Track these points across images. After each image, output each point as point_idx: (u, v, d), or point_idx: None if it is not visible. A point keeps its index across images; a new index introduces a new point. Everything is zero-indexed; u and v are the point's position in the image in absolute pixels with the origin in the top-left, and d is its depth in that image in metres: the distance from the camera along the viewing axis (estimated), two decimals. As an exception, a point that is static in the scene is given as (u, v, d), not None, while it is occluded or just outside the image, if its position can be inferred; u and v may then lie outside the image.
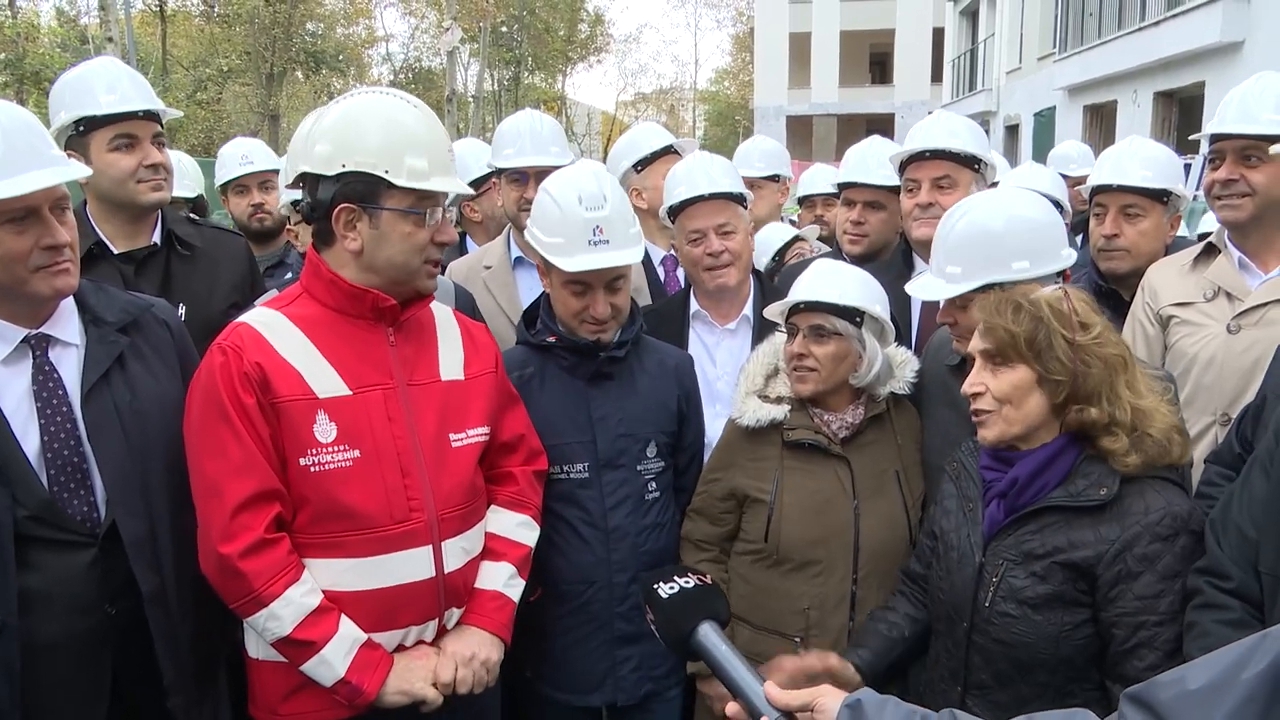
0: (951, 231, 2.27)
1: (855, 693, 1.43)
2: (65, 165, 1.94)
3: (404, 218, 2.02)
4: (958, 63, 31.06)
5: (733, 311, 3.01)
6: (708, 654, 1.67)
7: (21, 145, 1.85)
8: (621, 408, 2.51)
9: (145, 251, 2.80)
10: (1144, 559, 1.83)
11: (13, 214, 1.84)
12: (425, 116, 2.09)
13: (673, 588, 1.77)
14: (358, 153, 1.98)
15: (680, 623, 1.73)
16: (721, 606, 1.79)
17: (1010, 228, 2.23)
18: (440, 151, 2.06)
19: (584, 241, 2.38)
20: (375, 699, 2.00)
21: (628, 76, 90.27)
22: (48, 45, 27.18)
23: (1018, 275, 2.17)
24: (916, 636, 2.22)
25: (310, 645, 1.95)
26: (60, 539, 1.92)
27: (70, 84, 2.73)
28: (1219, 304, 2.70)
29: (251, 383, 1.96)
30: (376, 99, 2.08)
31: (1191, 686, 1.00)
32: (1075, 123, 20.46)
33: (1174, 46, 15.53)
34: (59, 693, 1.94)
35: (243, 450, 1.94)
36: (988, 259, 2.21)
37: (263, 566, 1.93)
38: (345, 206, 2.00)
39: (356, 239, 2.02)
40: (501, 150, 3.46)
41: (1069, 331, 1.89)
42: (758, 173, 4.26)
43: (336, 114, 2.06)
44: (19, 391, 1.94)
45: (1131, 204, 3.07)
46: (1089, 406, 1.88)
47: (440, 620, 2.14)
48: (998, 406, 1.94)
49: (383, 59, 41.32)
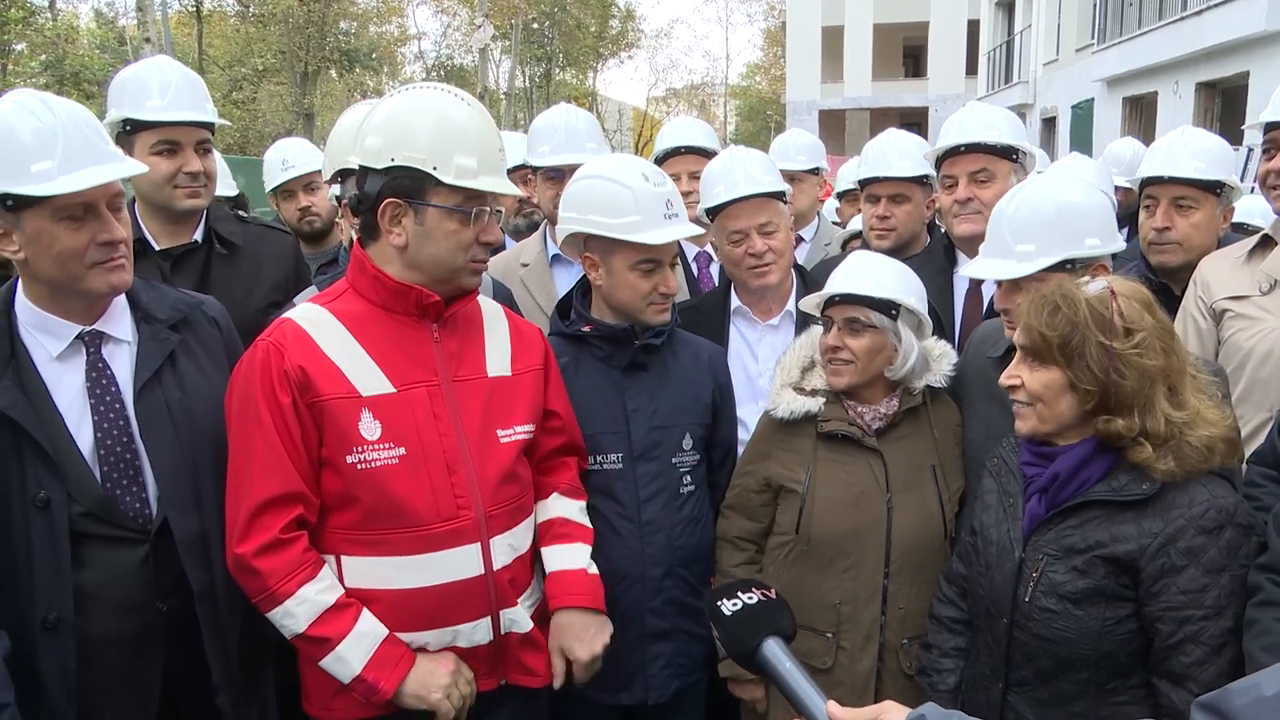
0: (1020, 209, 2.26)
1: (920, 708, 1.41)
2: (122, 162, 1.96)
3: (449, 215, 2.01)
4: (993, 55, 30.70)
5: (775, 307, 2.99)
6: (773, 670, 1.67)
7: (79, 142, 1.86)
8: (656, 399, 2.51)
9: (183, 249, 2.83)
10: (1188, 552, 1.81)
11: (71, 210, 1.86)
12: (478, 115, 2.07)
13: (736, 604, 1.76)
14: (407, 147, 1.98)
15: (745, 640, 1.72)
16: (786, 621, 1.79)
17: (1084, 203, 2.25)
18: (490, 151, 2.05)
19: (659, 216, 2.39)
20: (393, 697, 1.99)
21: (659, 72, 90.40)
22: (87, 47, 27.61)
23: (1091, 251, 2.20)
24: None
25: (326, 642, 1.95)
26: (114, 535, 1.94)
27: (125, 82, 2.78)
28: (1275, 297, 2.65)
29: (290, 382, 1.96)
30: (431, 94, 2.07)
31: (1267, 693, 0.98)
32: (1114, 115, 20.17)
33: (1217, 36, 15.24)
34: (111, 689, 1.96)
35: (270, 451, 1.95)
36: (1067, 232, 2.20)
37: (277, 565, 1.94)
38: (391, 201, 2.00)
39: (402, 234, 2.02)
40: (537, 147, 3.45)
41: (1107, 337, 1.84)
42: (799, 166, 4.25)
43: (389, 108, 2.05)
44: (74, 388, 1.96)
45: (1183, 196, 3.02)
46: (1116, 418, 1.84)
47: (495, 619, 2.13)
48: (1032, 402, 1.93)
49: (415, 57, 41.61)
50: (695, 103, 52.53)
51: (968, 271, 2.44)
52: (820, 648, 2.41)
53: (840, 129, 38.00)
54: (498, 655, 2.18)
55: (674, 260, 2.47)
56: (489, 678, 2.18)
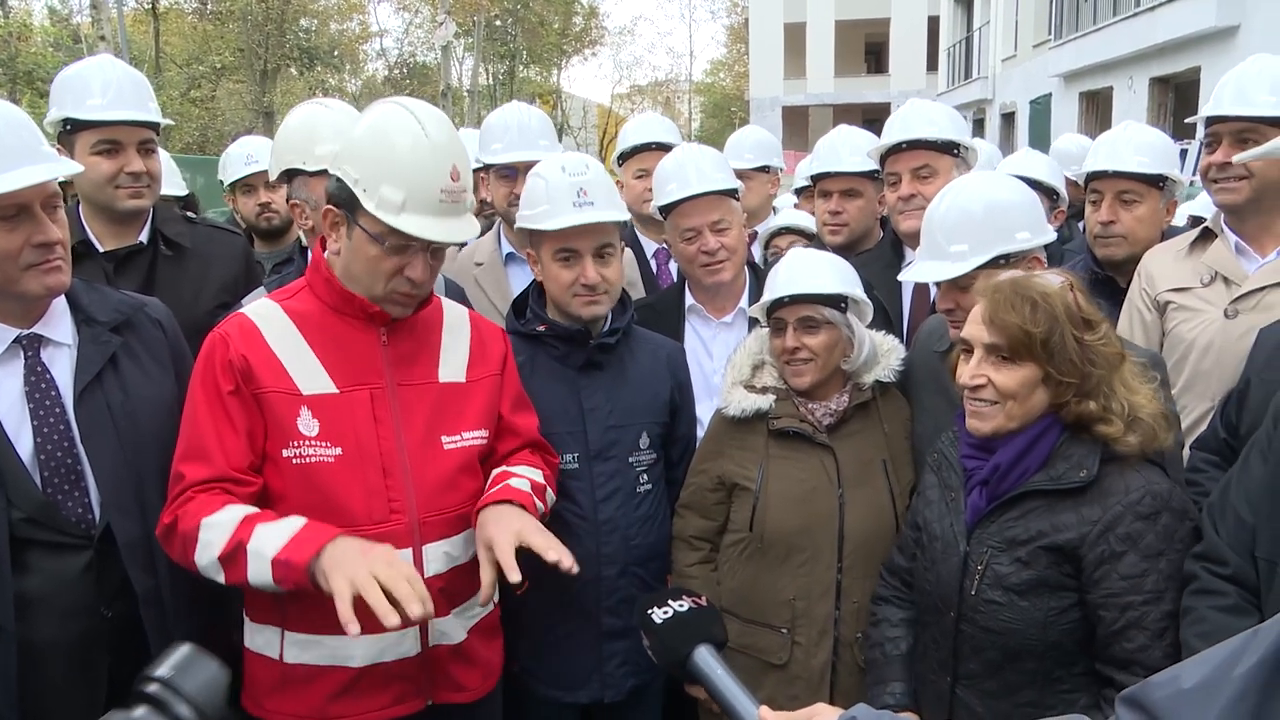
0: (949, 210, 2.28)
1: (851, 709, 1.42)
2: (57, 162, 1.94)
3: (371, 241, 1.97)
4: (953, 51, 31.00)
5: (728, 305, 3.00)
6: (705, 678, 1.68)
7: (13, 141, 1.84)
8: (613, 398, 2.50)
9: (128, 250, 2.80)
10: (1126, 538, 1.84)
11: (4, 211, 1.83)
12: (429, 150, 1.94)
13: (667, 612, 1.76)
14: (348, 161, 1.97)
15: (676, 648, 1.73)
16: (718, 629, 1.79)
17: (1011, 199, 2.29)
18: (427, 190, 1.94)
19: (568, 204, 2.40)
20: (306, 569, 1.79)
21: (623, 69, 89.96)
22: (40, 44, 27.08)
23: (1022, 245, 2.22)
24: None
25: (239, 547, 1.83)
26: (56, 541, 1.92)
27: (66, 81, 2.74)
28: (1216, 289, 2.68)
29: (234, 370, 1.95)
30: (399, 117, 1.98)
31: (1185, 685, 0.99)
32: (1071, 110, 20.46)
33: (1169, 32, 15.51)
34: (56, 696, 1.94)
35: (208, 434, 1.93)
36: (996, 230, 2.22)
37: (187, 510, 1.90)
38: (330, 209, 2.00)
39: (338, 243, 2.02)
40: (489, 145, 3.43)
41: (1079, 330, 1.88)
42: (748, 164, 4.25)
43: (362, 117, 2.04)
44: (12, 393, 1.94)
45: (1127, 190, 3.06)
46: (1088, 400, 1.88)
47: (423, 629, 2.06)
48: (1000, 400, 1.93)
49: (377, 54, 41.25)
50: (659, 100, 52.50)
51: (906, 276, 2.47)
52: (775, 643, 2.42)
53: (804, 125, 38.21)
54: (426, 670, 2.10)
55: (604, 251, 2.44)
56: (416, 698, 2.10)
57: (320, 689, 2.03)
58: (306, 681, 2.03)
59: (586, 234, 2.41)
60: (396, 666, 2.06)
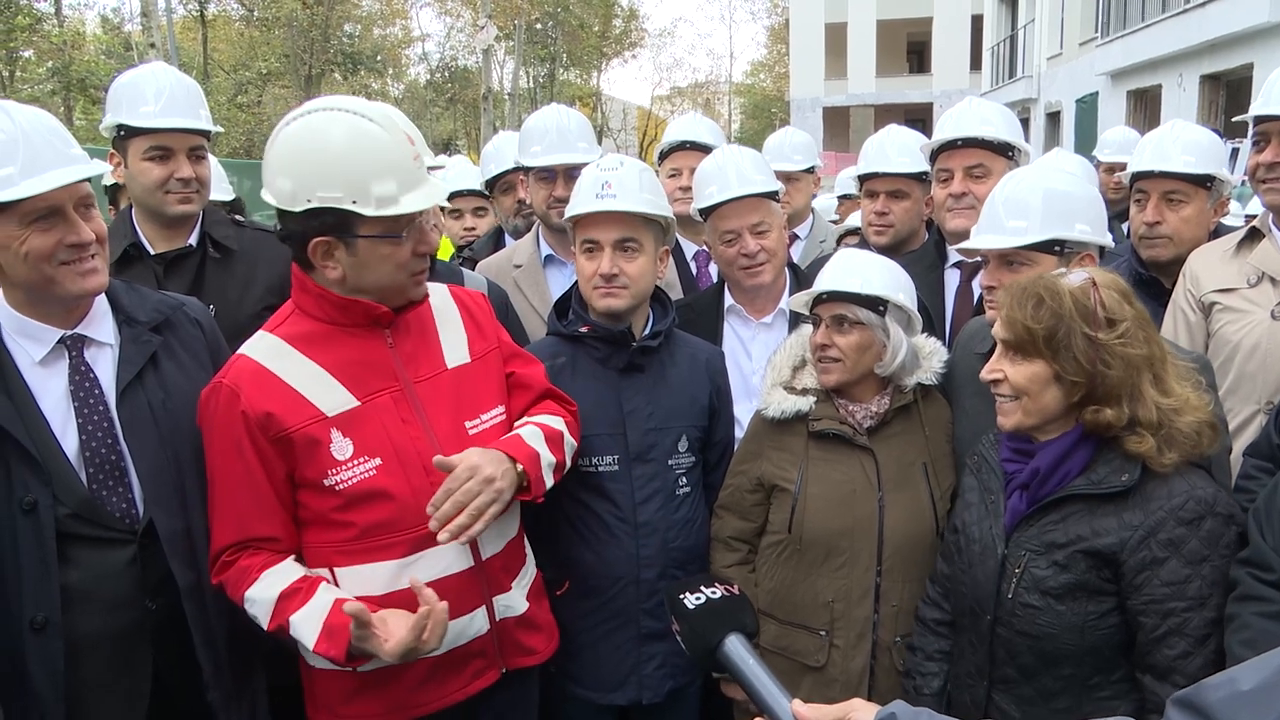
0: (1016, 188, 2.32)
1: (889, 705, 1.41)
2: (85, 164, 1.96)
3: (381, 242, 1.96)
4: (997, 50, 30.63)
5: (768, 306, 2.99)
6: (734, 667, 1.64)
7: (41, 146, 1.87)
8: (653, 401, 2.50)
9: (177, 253, 2.85)
10: (1169, 544, 1.81)
11: (37, 213, 1.87)
12: (381, 128, 1.93)
13: (699, 598, 1.74)
14: (321, 187, 1.89)
15: (706, 635, 1.70)
16: (749, 618, 1.76)
17: (1077, 192, 2.32)
18: (404, 164, 1.94)
19: (591, 195, 2.46)
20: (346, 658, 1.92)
21: (663, 71, 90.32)
22: (93, 53, 27.69)
23: (1080, 236, 2.25)
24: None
25: (283, 630, 1.96)
26: (100, 536, 1.96)
27: (121, 88, 2.79)
28: (1263, 289, 2.64)
29: (250, 423, 1.95)
30: (330, 119, 1.92)
31: (1243, 688, 0.98)
32: (1119, 109, 20.11)
33: (1221, 28, 15.20)
34: (101, 688, 1.97)
35: (230, 500, 2.00)
36: (1060, 213, 2.24)
37: (228, 578, 2.01)
38: (319, 240, 1.95)
39: (337, 267, 1.99)
40: (529, 148, 3.44)
41: (1091, 328, 1.85)
42: (795, 166, 4.24)
43: (290, 142, 1.93)
44: (57, 392, 1.98)
45: (1173, 190, 3.00)
46: (1105, 408, 1.85)
47: (489, 607, 2.14)
48: (1016, 396, 1.93)
49: (419, 58, 41.68)
50: (699, 101, 52.46)
51: (960, 246, 2.47)
52: (813, 646, 2.41)
53: (845, 126, 37.97)
54: (496, 642, 2.18)
55: (626, 244, 2.44)
56: (491, 669, 2.18)
57: (402, 685, 2.07)
58: (384, 682, 2.06)
59: (606, 225, 2.44)
60: (474, 644, 2.14)
